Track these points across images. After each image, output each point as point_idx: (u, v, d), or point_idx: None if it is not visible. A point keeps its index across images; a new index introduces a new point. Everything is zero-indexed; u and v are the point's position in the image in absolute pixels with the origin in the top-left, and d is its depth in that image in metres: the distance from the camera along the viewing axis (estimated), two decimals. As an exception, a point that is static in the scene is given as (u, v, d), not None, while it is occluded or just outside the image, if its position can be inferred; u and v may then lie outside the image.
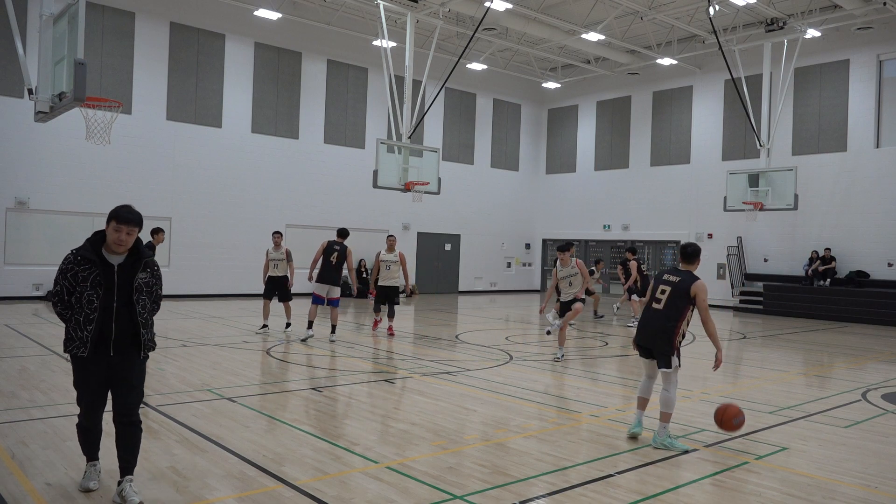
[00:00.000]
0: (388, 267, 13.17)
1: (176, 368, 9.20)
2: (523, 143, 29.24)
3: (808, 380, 10.13)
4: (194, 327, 13.65)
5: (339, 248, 12.08)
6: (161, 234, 12.46)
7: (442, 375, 9.29)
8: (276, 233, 13.36)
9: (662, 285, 6.25)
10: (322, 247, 12.16)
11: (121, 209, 4.31)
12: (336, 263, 12.00)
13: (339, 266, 12.03)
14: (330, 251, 12.04)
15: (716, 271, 23.47)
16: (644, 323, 6.32)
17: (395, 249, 13.27)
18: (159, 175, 19.95)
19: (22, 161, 17.88)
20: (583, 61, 25.90)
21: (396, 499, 4.63)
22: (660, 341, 6.14)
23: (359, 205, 23.54)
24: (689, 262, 6.34)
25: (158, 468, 5.09)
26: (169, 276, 18.58)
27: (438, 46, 21.84)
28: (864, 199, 20.37)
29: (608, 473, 5.28)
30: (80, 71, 7.72)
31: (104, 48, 18.99)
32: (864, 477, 5.44)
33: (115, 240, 4.29)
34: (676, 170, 24.94)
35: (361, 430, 6.38)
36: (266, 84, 22.04)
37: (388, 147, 16.89)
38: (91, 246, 4.33)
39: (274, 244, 13.05)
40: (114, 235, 4.29)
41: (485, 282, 27.98)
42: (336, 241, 12.22)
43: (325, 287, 11.96)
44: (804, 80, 21.73)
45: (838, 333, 16.45)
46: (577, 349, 12.77)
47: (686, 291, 6.12)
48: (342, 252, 12.07)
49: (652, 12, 19.97)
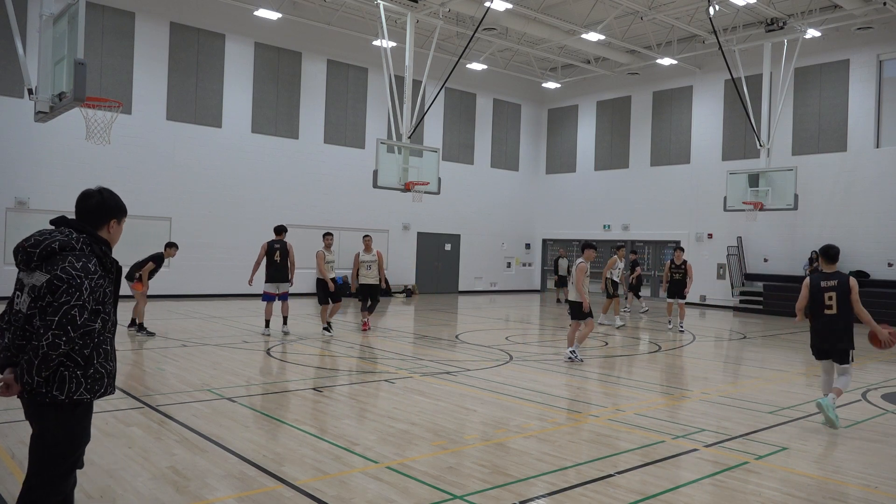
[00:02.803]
0: (368, 266, 13.58)
1: (176, 368, 9.20)
2: (523, 143, 29.24)
3: (808, 380, 10.12)
4: (194, 327, 13.65)
5: (280, 246, 12.67)
6: (175, 249, 12.70)
7: (442, 375, 9.28)
8: (328, 234, 13.36)
9: (827, 292, 6.90)
10: (264, 248, 12.69)
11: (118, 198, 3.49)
12: (280, 261, 12.62)
13: (283, 263, 12.63)
14: (272, 251, 12.63)
15: (716, 271, 23.47)
16: (826, 329, 6.92)
17: (373, 249, 13.68)
18: (159, 175, 19.95)
19: (22, 161, 17.89)
20: (583, 61, 25.90)
21: (396, 499, 4.63)
22: (844, 341, 6.86)
23: (359, 205, 23.54)
24: (834, 262, 7.00)
25: (158, 468, 5.09)
26: (169, 276, 18.60)
27: (438, 46, 21.84)
28: (864, 199, 20.36)
29: (608, 473, 5.28)
30: (80, 71, 7.72)
31: (104, 48, 18.99)
32: (864, 477, 5.44)
33: (118, 239, 3.51)
34: (676, 170, 24.94)
35: (361, 430, 6.38)
36: (266, 84, 22.04)
37: (388, 147, 16.88)
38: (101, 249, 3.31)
39: (326, 246, 13.06)
40: (119, 233, 3.49)
41: (485, 282, 27.98)
42: (276, 239, 12.77)
43: (275, 285, 12.63)
44: (804, 80, 21.73)
45: (838, 333, 16.42)
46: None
47: (847, 289, 6.84)
48: (283, 249, 12.65)
49: (652, 12, 19.97)
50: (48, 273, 3.12)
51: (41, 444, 3.21)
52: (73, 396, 3.15)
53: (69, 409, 3.19)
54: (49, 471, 3.22)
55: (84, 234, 3.27)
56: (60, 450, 3.21)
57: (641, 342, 13.76)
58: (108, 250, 3.35)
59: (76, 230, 3.28)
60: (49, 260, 3.16)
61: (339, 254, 23.59)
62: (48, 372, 3.08)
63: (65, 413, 3.18)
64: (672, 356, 12.09)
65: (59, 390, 3.12)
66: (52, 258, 3.16)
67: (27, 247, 3.19)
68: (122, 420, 6.44)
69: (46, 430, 3.19)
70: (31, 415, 3.22)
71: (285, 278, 12.64)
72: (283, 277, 12.62)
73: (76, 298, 3.06)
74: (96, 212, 3.38)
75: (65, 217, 3.35)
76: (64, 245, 3.18)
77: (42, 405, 3.15)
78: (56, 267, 3.12)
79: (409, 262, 25.54)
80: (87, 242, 3.25)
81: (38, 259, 3.16)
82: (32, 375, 3.04)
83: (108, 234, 3.42)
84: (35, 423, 3.23)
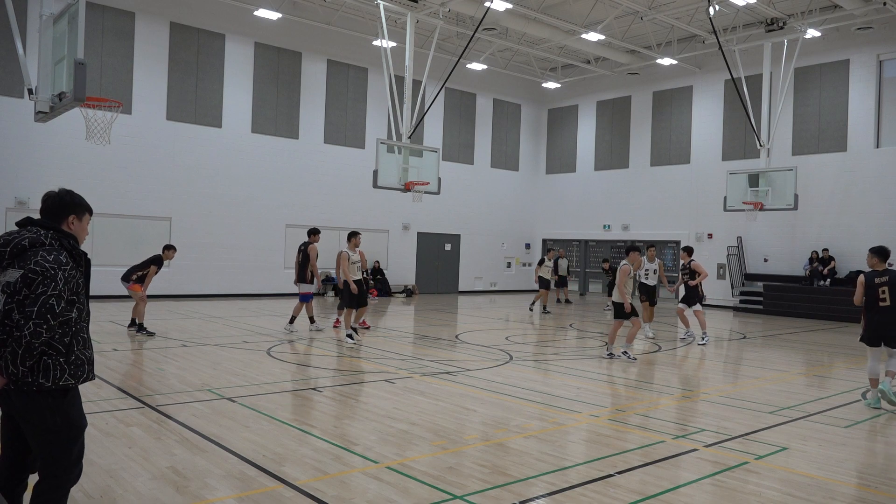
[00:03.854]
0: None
1: (176, 368, 9.20)
2: (523, 143, 29.24)
3: (808, 380, 10.12)
4: (194, 327, 13.65)
5: (302, 248, 13.24)
6: (173, 251, 12.71)
7: (442, 375, 9.28)
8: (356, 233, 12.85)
9: (881, 287, 7.90)
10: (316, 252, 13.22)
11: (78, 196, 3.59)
12: (301, 261, 13.23)
13: (302, 264, 13.17)
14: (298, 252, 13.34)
15: (716, 271, 23.47)
16: (883, 321, 7.89)
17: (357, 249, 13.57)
18: (159, 175, 19.95)
19: (22, 161, 17.88)
20: (583, 61, 25.90)
21: (396, 499, 4.63)
22: None
23: (359, 205, 23.54)
24: (885, 259, 8.03)
25: (158, 468, 5.09)
26: (169, 276, 18.63)
27: (438, 46, 21.84)
28: (864, 199, 20.36)
29: (608, 473, 5.28)
30: (80, 71, 7.72)
31: (104, 48, 18.99)
32: (864, 477, 5.44)
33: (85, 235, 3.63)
34: (676, 170, 24.94)
35: (361, 430, 6.38)
36: (266, 84, 22.04)
37: (388, 147, 16.88)
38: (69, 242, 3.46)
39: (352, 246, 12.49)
40: (81, 230, 3.59)
41: (485, 282, 27.98)
42: (303, 241, 13.41)
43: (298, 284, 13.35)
44: (804, 80, 21.73)
45: (838, 333, 16.44)
46: (577, 349, 12.77)
47: None
48: (304, 251, 13.18)
49: (652, 12, 19.97)
50: (21, 269, 3.27)
51: (46, 435, 3.35)
52: (59, 383, 3.33)
53: (59, 395, 3.36)
54: (66, 457, 3.39)
55: (51, 231, 3.41)
56: (65, 434, 3.38)
57: (641, 342, 13.76)
58: (76, 244, 3.51)
59: (43, 227, 3.43)
60: (20, 257, 3.30)
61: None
62: (32, 361, 3.24)
63: (57, 399, 3.34)
64: (672, 356, 12.09)
65: (44, 378, 3.29)
66: (22, 254, 3.30)
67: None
68: (122, 420, 6.44)
69: (44, 418, 3.33)
70: (23, 408, 3.32)
71: (300, 279, 13.18)
72: (299, 278, 13.21)
73: (52, 288, 3.23)
74: (54, 209, 3.51)
75: (30, 217, 3.49)
76: (34, 241, 3.33)
77: (33, 397, 3.29)
78: (29, 261, 3.26)
79: (409, 262, 25.54)
80: (56, 238, 3.40)
81: (10, 257, 3.31)
82: (17, 365, 3.18)
83: (70, 231, 3.54)
84: (28, 416, 3.34)
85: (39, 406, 3.31)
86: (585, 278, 28.12)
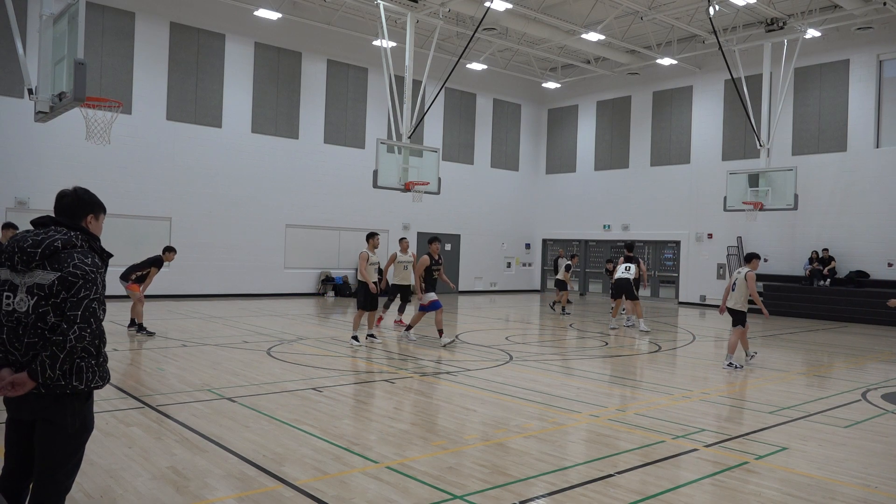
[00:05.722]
0: (405, 267, 13.98)
1: (176, 368, 9.20)
2: (523, 143, 29.24)
3: (808, 380, 10.12)
4: (194, 327, 13.65)
5: None
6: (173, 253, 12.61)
7: (442, 375, 9.28)
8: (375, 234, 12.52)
9: None
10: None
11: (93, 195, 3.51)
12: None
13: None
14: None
15: (716, 271, 23.47)
16: None
17: (409, 250, 14.18)
18: (159, 175, 19.95)
19: (22, 161, 17.88)
20: (583, 61, 25.90)
21: (396, 499, 4.63)
22: None
23: (359, 205, 23.54)
24: None
25: (158, 468, 5.09)
26: (169, 276, 18.61)
27: (438, 46, 21.84)
28: (864, 199, 20.36)
29: (608, 473, 5.28)
30: (80, 71, 7.72)
31: (104, 48, 18.99)
32: (864, 477, 5.44)
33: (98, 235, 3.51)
34: (676, 170, 24.94)
35: (361, 430, 6.38)
36: (266, 84, 22.04)
37: (388, 147, 16.88)
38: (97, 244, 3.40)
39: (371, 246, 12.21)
40: (97, 229, 3.50)
41: (485, 282, 27.98)
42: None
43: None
44: (804, 80, 21.73)
45: (838, 333, 16.44)
46: (577, 349, 12.77)
47: None
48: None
49: (652, 12, 19.97)
50: (56, 271, 3.16)
51: (62, 438, 3.26)
52: (91, 385, 3.29)
53: (84, 398, 3.31)
54: (73, 459, 3.35)
55: (78, 231, 3.31)
56: (81, 438, 3.35)
57: (642, 342, 13.76)
58: (101, 245, 3.44)
59: (70, 228, 3.30)
60: (52, 258, 3.18)
61: (339, 254, 23.77)
62: (69, 365, 3.18)
63: (80, 402, 3.29)
64: (672, 356, 12.09)
65: (78, 380, 3.23)
66: (55, 256, 3.19)
67: (26, 247, 3.19)
68: (122, 420, 6.44)
69: (66, 422, 3.25)
70: (46, 410, 3.22)
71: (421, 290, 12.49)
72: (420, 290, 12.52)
73: (94, 293, 3.21)
74: (72, 207, 3.40)
75: (50, 216, 3.37)
76: (66, 243, 3.22)
77: (60, 399, 3.21)
78: (66, 264, 3.16)
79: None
80: (85, 239, 3.31)
81: (41, 258, 3.18)
82: (55, 370, 3.11)
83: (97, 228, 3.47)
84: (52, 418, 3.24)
85: (65, 408, 3.24)
86: (585, 278, 28.11)
